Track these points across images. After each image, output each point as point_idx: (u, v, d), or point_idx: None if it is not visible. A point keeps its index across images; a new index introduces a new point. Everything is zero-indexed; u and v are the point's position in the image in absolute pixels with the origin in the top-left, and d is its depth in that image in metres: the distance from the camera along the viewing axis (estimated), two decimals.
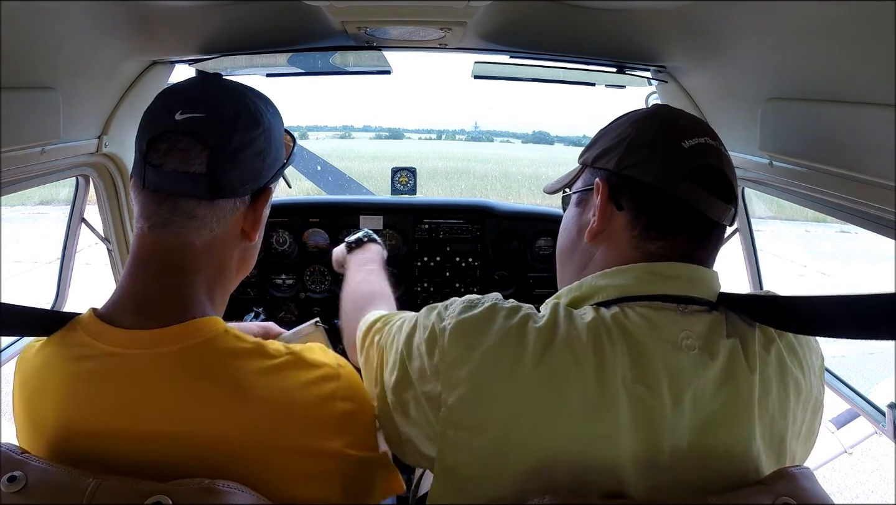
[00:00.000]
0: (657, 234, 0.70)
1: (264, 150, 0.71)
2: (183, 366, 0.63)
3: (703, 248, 0.71)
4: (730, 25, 0.94)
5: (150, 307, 0.65)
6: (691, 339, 0.64)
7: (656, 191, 0.69)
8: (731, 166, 0.73)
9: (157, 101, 0.69)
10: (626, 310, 0.66)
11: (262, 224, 0.75)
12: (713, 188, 0.69)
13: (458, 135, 33.46)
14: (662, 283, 0.67)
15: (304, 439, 0.65)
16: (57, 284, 1.48)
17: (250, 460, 0.62)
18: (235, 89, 0.72)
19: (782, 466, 0.65)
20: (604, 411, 0.60)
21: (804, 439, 0.72)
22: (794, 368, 0.68)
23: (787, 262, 6.39)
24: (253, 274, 1.81)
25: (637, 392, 0.61)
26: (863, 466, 3.43)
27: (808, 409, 0.71)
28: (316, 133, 30.78)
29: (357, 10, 0.98)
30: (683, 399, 0.62)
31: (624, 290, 0.68)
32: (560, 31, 1.13)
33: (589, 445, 0.60)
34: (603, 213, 0.73)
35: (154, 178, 0.65)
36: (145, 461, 0.61)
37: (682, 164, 0.69)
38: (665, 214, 0.70)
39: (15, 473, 0.57)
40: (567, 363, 0.62)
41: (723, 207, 0.70)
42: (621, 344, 0.63)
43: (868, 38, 0.71)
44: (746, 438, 0.63)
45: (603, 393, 0.61)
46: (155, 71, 1.27)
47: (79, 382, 0.63)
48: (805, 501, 0.57)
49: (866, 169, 0.77)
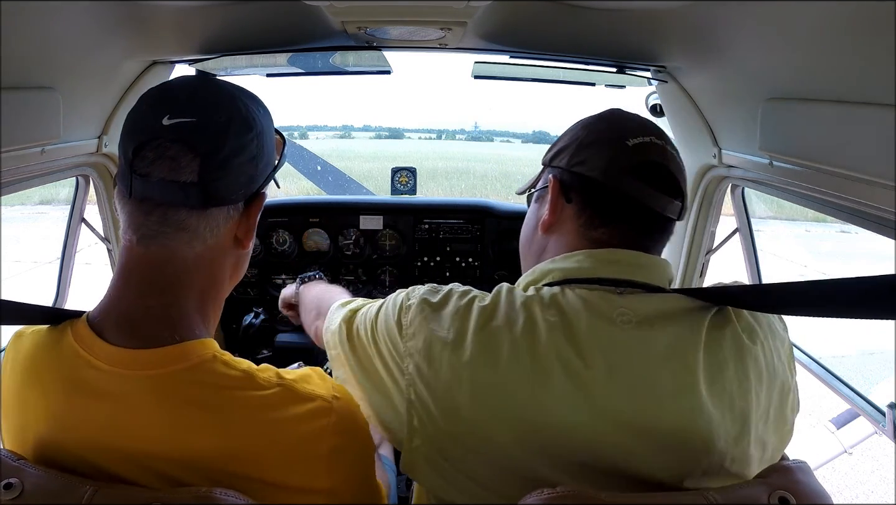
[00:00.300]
0: (600, 223, 0.77)
1: (257, 155, 0.67)
2: (167, 391, 0.60)
3: (647, 236, 0.76)
4: (730, 25, 0.94)
5: (136, 326, 0.62)
6: (628, 315, 0.69)
7: (600, 185, 0.76)
8: (677, 164, 0.78)
9: (142, 104, 0.64)
10: (566, 290, 0.72)
11: (255, 230, 0.72)
12: (656, 183, 0.75)
13: (458, 135, 33.47)
14: (602, 267, 0.73)
15: (289, 477, 0.63)
16: (57, 283, 1.48)
17: (237, 487, 0.60)
18: (226, 91, 0.68)
19: (746, 445, 0.67)
20: (538, 382, 0.65)
21: (775, 426, 0.72)
22: (753, 349, 0.70)
23: (787, 262, 6.38)
24: (253, 274, 1.81)
25: (571, 364, 0.65)
26: (863, 466, 3.44)
27: (775, 392, 0.71)
28: (316, 133, 30.77)
29: (357, 10, 0.98)
30: (619, 371, 0.65)
31: (567, 273, 0.74)
32: (560, 31, 1.13)
33: (526, 410, 0.65)
34: (554, 206, 0.80)
35: (141, 187, 0.61)
36: (130, 480, 0.60)
37: (625, 160, 0.75)
38: (608, 206, 0.76)
39: (11, 479, 0.56)
40: (503, 336, 0.67)
41: (665, 200, 0.75)
42: (555, 319, 0.68)
43: (868, 38, 0.71)
44: (691, 410, 0.65)
45: (537, 363, 0.66)
46: (155, 71, 1.27)
47: (69, 390, 0.62)
48: (801, 494, 0.58)
49: (866, 169, 0.77)
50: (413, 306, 0.74)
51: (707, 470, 0.65)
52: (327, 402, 0.66)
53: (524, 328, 0.68)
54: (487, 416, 0.66)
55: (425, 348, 0.70)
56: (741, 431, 0.67)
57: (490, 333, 0.68)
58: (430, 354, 0.69)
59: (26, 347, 0.66)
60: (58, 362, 0.64)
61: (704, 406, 0.65)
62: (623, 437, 0.64)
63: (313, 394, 0.66)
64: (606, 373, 0.65)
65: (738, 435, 0.67)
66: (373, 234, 1.82)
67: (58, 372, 0.63)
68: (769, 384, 0.70)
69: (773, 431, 0.71)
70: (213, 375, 0.62)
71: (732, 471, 0.67)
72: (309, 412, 0.64)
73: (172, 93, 0.65)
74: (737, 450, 0.66)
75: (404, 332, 0.72)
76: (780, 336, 0.75)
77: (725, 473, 0.66)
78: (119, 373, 0.61)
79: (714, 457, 0.65)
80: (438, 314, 0.72)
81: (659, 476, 0.64)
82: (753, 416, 0.68)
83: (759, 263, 1.54)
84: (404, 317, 0.74)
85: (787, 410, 0.74)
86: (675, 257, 1.60)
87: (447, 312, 0.72)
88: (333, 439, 0.65)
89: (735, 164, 1.26)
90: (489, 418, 0.66)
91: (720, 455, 0.65)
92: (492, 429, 0.66)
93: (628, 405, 0.64)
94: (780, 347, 0.74)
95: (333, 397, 0.67)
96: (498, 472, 0.66)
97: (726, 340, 0.70)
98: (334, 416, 0.66)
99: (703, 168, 1.40)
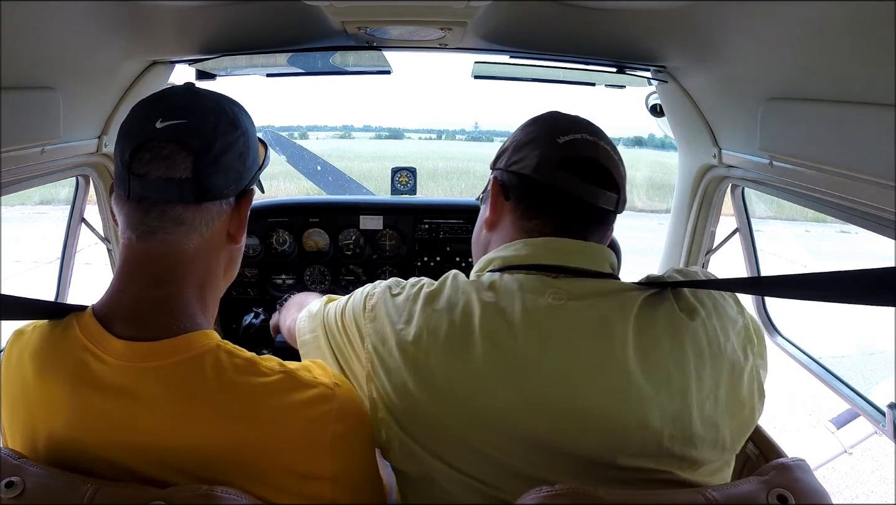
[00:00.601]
0: (535, 215, 0.82)
1: (244, 153, 0.72)
2: (173, 382, 0.62)
3: (582, 226, 0.81)
4: (730, 25, 0.94)
5: (142, 319, 0.65)
6: (560, 294, 0.73)
7: (533, 180, 0.81)
8: (611, 158, 0.82)
9: (136, 113, 0.69)
10: (504, 275, 0.77)
11: (246, 226, 0.76)
12: (586, 175, 0.80)
13: (458, 135, 33.47)
14: (539, 254, 0.79)
15: (293, 462, 0.64)
16: (57, 284, 1.48)
17: (243, 475, 0.62)
18: (211, 96, 0.73)
19: (688, 423, 0.68)
20: (472, 359, 0.70)
21: (729, 408, 0.72)
22: (692, 325, 0.72)
23: (787, 262, 6.38)
24: (253, 274, 1.81)
25: (502, 341, 0.70)
26: (863, 466, 3.44)
27: (724, 373, 0.72)
28: (316, 133, 30.75)
29: (357, 10, 0.98)
30: (548, 345, 0.70)
31: (505, 260, 0.80)
32: (560, 31, 1.13)
33: (464, 389, 0.69)
34: (494, 204, 0.86)
35: (139, 187, 0.65)
36: (139, 473, 0.61)
37: (554, 156, 0.81)
38: (540, 199, 0.82)
39: (12, 478, 0.57)
40: (442, 318, 0.73)
41: (596, 191, 0.80)
42: (490, 299, 0.73)
43: (868, 38, 0.71)
44: (619, 387, 0.68)
45: (472, 342, 0.70)
46: (155, 71, 1.27)
47: (77, 384, 0.63)
48: (800, 493, 0.58)
49: (866, 169, 0.77)
50: (376, 294, 0.81)
51: (643, 448, 0.67)
52: (329, 389, 0.68)
53: (463, 310, 0.73)
54: (430, 395, 0.70)
55: (380, 329, 0.76)
56: (680, 407, 0.68)
57: (431, 314, 0.74)
58: (383, 335, 0.76)
59: (31, 344, 0.67)
60: (64, 356, 0.65)
61: (634, 382, 0.68)
62: (553, 413, 0.67)
63: (315, 381, 0.68)
64: (538, 347, 0.69)
65: (678, 412, 0.68)
66: (373, 234, 1.82)
67: (64, 366, 0.64)
68: (714, 364, 0.72)
69: (726, 414, 0.72)
70: (218, 364, 0.64)
71: (676, 451, 0.68)
72: (311, 398, 0.66)
73: (163, 100, 0.70)
74: (675, 428, 0.67)
75: (366, 315, 0.79)
76: (731, 318, 0.77)
77: (667, 452, 0.67)
78: (126, 365, 0.62)
79: (648, 434, 0.67)
80: (395, 300, 0.78)
81: (590, 453, 0.67)
82: (694, 393, 0.69)
83: (759, 263, 1.54)
84: (368, 302, 0.81)
85: (743, 393, 0.74)
86: (675, 257, 1.60)
87: (401, 298, 0.78)
88: (336, 426, 0.67)
89: (735, 164, 1.26)
90: (432, 397, 0.70)
91: (655, 432, 0.67)
92: (437, 407, 0.70)
93: (557, 381, 0.68)
94: (729, 329, 0.75)
95: (335, 385, 0.69)
96: (457, 449, 0.70)
97: (659, 316, 0.73)
98: (336, 402, 0.68)
99: (703, 168, 1.40)
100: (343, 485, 0.69)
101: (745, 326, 0.78)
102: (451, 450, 0.71)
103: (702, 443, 0.69)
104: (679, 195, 1.56)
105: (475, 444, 0.69)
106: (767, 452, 0.98)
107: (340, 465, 0.68)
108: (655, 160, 15.89)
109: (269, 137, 2.70)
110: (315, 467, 0.66)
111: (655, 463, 0.68)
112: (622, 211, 0.84)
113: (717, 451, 0.71)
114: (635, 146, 21.65)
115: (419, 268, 1.85)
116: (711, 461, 0.71)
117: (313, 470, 0.66)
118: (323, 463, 0.66)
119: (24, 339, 0.69)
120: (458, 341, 0.71)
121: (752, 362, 0.76)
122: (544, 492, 0.58)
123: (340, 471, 0.68)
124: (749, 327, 0.78)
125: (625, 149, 22.03)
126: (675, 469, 0.69)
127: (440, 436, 0.71)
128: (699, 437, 0.69)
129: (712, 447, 0.70)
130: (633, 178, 15.88)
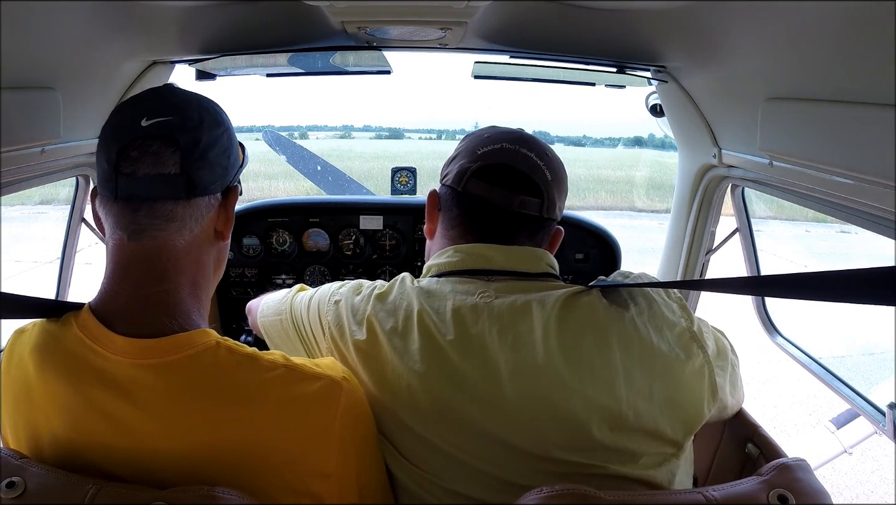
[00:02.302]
0: (456, 223, 0.87)
1: (228, 148, 0.72)
2: (174, 380, 0.62)
3: (502, 231, 0.84)
4: (730, 25, 0.94)
5: (140, 317, 0.65)
6: (488, 294, 0.78)
7: (453, 190, 0.87)
8: (533, 164, 0.84)
9: (119, 113, 0.69)
10: (440, 279, 0.83)
11: (233, 223, 0.76)
12: (501, 182, 0.83)
13: (458, 135, 33.53)
14: (468, 259, 0.83)
15: (298, 458, 0.64)
16: (57, 283, 1.48)
17: (247, 474, 0.61)
18: (191, 95, 0.73)
19: (616, 415, 0.70)
20: (408, 352, 0.75)
21: (666, 409, 0.73)
22: (618, 320, 0.75)
23: (787, 262, 6.38)
24: (253, 274, 1.81)
25: (434, 337, 0.75)
26: (863, 466, 3.44)
27: (656, 372, 0.73)
28: (316, 133, 30.73)
29: (357, 10, 0.98)
30: (474, 341, 0.74)
31: (440, 267, 0.85)
32: (560, 31, 1.13)
33: (407, 383, 0.74)
34: (430, 215, 0.93)
35: (127, 186, 0.65)
36: (141, 473, 0.61)
37: (470, 166, 0.85)
38: (460, 207, 0.87)
39: (13, 478, 0.57)
40: (388, 314, 0.79)
41: (512, 197, 0.83)
42: (427, 300, 0.79)
43: (868, 38, 0.71)
44: (536, 378, 0.71)
45: (409, 337, 0.76)
46: (155, 71, 1.27)
47: (77, 383, 0.63)
48: (800, 493, 0.58)
49: (866, 169, 0.77)
50: (341, 292, 0.86)
51: (573, 440, 0.69)
52: (336, 382, 0.68)
53: (405, 310, 0.79)
54: (380, 387, 0.75)
55: (339, 323, 0.82)
56: (608, 399, 0.70)
57: (378, 313, 0.80)
58: (341, 329, 0.82)
59: (31, 343, 0.67)
60: (65, 355, 0.64)
61: (557, 374, 0.70)
62: (486, 406, 0.71)
63: (322, 374, 0.68)
64: (465, 343, 0.74)
65: (605, 404, 0.70)
66: (373, 234, 1.82)
67: (65, 365, 0.64)
68: (644, 362, 0.73)
69: (664, 409, 0.73)
70: (218, 361, 0.64)
71: (608, 443, 0.69)
72: (317, 391, 0.66)
73: (146, 100, 0.70)
74: (602, 419, 0.69)
75: (329, 307, 0.85)
76: (669, 321, 0.78)
77: (600, 445, 0.69)
78: (127, 362, 0.62)
79: (576, 425, 0.69)
80: (354, 299, 0.84)
81: (523, 445, 0.70)
82: (622, 385, 0.71)
83: (759, 263, 1.54)
84: (332, 297, 0.86)
85: (684, 390, 0.75)
86: (675, 257, 1.60)
87: (358, 298, 0.84)
88: (344, 419, 0.67)
89: (735, 164, 1.26)
90: (383, 390, 0.75)
91: (582, 424, 0.69)
92: (389, 400, 0.75)
93: (485, 375, 0.72)
94: (664, 329, 0.77)
95: (343, 378, 0.69)
96: (410, 441, 0.74)
97: (583, 310, 0.76)
98: (344, 396, 0.67)
99: (703, 168, 1.40)
100: (349, 484, 0.68)
101: (688, 328, 0.79)
102: (398, 438, 0.75)
103: (635, 433, 0.70)
104: (679, 195, 1.56)
105: (423, 435, 0.73)
106: (767, 452, 0.98)
107: (348, 461, 0.67)
108: (655, 160, 15.89)
109: (269, 137, 2.70)
110: (321, 463, 0.65)
111: (589, 457, 0.70)
112: (554, 215, 0.86)
113: (657, 442, 0.72)
114: (635, 146, 21.65)
115: (419, 268, 1.85)
116: (651, 452, 0.72)
117: (319, 465, 0.65)
118: (329, 458, 0.66)
119: (24, 338, 0.68)
120: (400, 338, 0.76)
121: (702, 361, 0.77)
122: (544, 492, 0.58)
123: (347, 467, 0.67)
124: (696, 332, 0.79)
125: (625, 149, 22.02)
126: (612, 463, 0.70)
127: (395, 429, 0.75)
128: (631, 427, 0.70)
129: (649, 438, 0.71)
130: (632, 178, 15.91)
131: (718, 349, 0.82)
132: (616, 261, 1.77)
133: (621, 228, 8.07)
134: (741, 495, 0.58)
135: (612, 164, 18.59)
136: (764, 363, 4.28)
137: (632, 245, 1.71)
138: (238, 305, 1.82)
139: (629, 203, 13.23)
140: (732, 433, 1.07)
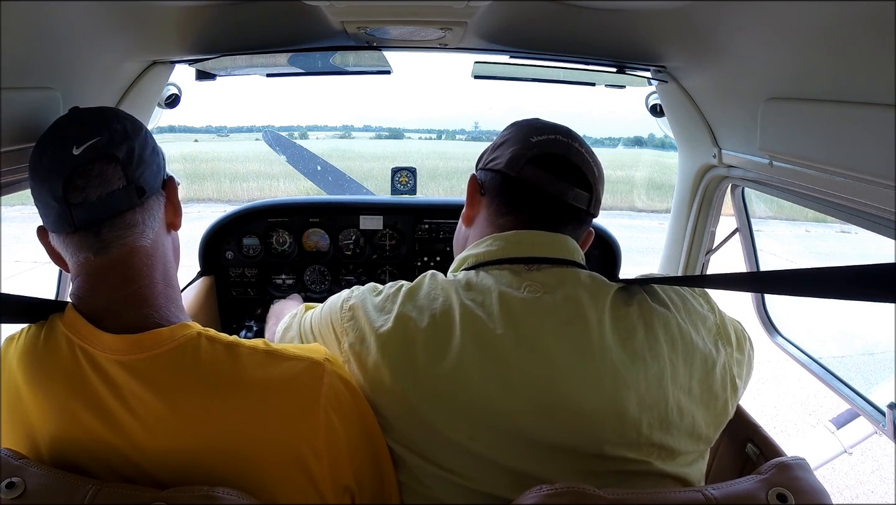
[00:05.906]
0: (506, 210, 0.85)
1: (154, 146, 0.76)
2: (159, 374, 0.63)
3: (551, 220, 0.83)
4: (730, 25, 0.94)
5: (120, 314, 0.67)
6: (534, 286, 0.76)
7: (504, 175, 0.85)
8: (584, 158, 0.84)
9: (44, 152, 0.68)
10: (480, 272, 0.80)
11: (181, 209, 0.79)
12: (555, 170, 0.82)
13: (458, 135, 33.39)
14: (510, 248, 0.81)
15: (285, 437, 0.65)
16: (57, 283, 1.48)
17: (239, 462, 0.62)
18: (103, 110, 0.75)
19: (664, 409, 0.69)
20: (449, 351, 0.71)
21: (703, 401, 0.74)
22: (664, 317, 0.75)
23: (787, 262, 6.39)
24: (253, 274, 1.81)
25: (483, 334, 0.71)
26: (863, 466, 3.43)
27: (696, 365, 0.74)
28: (316, 133, 30.69)
29: (357, 10, 0.98)
30: (526, 336, 0.71)
31: (478, 257, 0.83)
32: (560, 31, 1.13)
33: (444, 381, 0.70)
34: (471, 200, 0.90)
35: (83, 214, 0.66)
36: (138, 473, 0.61)
37: (525, 153, 0.83)
38: (510, 193, 0.85)
39: (13, 479, 0.57)
40: (422, 310, 0.75)
41: (565, 186, 0.82)
42: (469, 296, 0.75)
43: (868, 38, 0.71)
44: (596, 375, 0.69)
45: (450, 334, 0.72)
46: (155, 71, 1.27)
47: (67, 383, 0.64)
48: (800, 492, 0.58)
49: (866, 169, 0.77)
50: (354, 297, 0.83)
51: (623, 437, 0.68)
52: (318, 363, 0.69)
53: (443, 306, 0.75)
54: (409, 389, 0.72)
55: (359, 328, 0.78)
56: (657, 395, 0.70)
57: (411, 309, 0.76)
58: (361, 334, 0.77)
59: (18, 351, 0.68)
60: (55, 357, 0.65)
61: (613, 371, 0.69)
62: (536, 405, 0.69)
63: (303, 356, 0.70)
64: (517, 341, 0.71)
65: (654, 400, 0.70)
66: (373, 234, 1.82)
67: (56, 367, 0.65)
68: (686, 356, 0.73)
69: (700, 406, 0.73)
70: (200, 351, 0.65)
71: (655, 440, 0.69)
72: (300, 371, 0.68)
73: (65, 130, 0.70)
74: (652, 415, 0.69)
75: (343, 315, 0.82)
76: (701, 315, 0.79)
77: (647, 441, 0.69)
78: (114, 359, 0.63)
79: (628, 421, 0.68)
80: (374, 300, 0.81)
81: (573, 444, 0.68)
82: (670, 381, 0.71)
83: (759, 263, 1.54)
84: (345, 305, 0.83)
85: (717, 386, 0.76)
86: (675, 257, 1.61)
87: (380, 298, 0.80)
88: (328, 399, 0.68)
89: (735, 164, 1.26)
90: (412, 392, 0.71)
91: (634, 420, 0.68)
92: (418, 402, 0.71)
93: (538, 374, 0.69)
94: (699, 324, 0.78)
95: (325, 360, 0.71)
96: (433, 442, 0.71)
97: (633, 306, 0.75)
98: (327, 376, 0.69)
99: (703, 168, 1.40)
100: (342, 465, 0.68)
101: (717, 322, 0.80)
102: (426, 443, 0.72)
103: (678, 431, 0.71)
104: (679, 195, 1.56)
105: (455, 437, 0.70)
106: (767, 451, 0.99)
107: (337, 441, 0.68)
108: (655, 160, 15.87)
109: (269, 137, 2.70)
110: (311, 441, 0.66)
111: (637, 453, 0.69)
112: (596, 212, 0.86)
113: (693, 440, 0.72)
114: (635, 146, 21.63)
115: (419, 268, 1.85)
116: (688, 451, 0.73)
117: (309, 444, 0.66)
118: (318, 436, 0.66)
119: (13, 346, 0.69)
120: (440, 336, 0.73)
121: (725, 357, 0.77)
122: (544, 491, 0.58)
123: (338, 448, 0.68)
124: (722, 325, 0.80)
125: (625, 149, 21.99)
126: (654, 459, 0.70)
127: (416, 430, 0.72)
128: (675, 425, 0.70)
129: (688, 436, 0.72)
130: (632, 179, 15.85)
131: (737, 340, 0.82)
132: (616, 261, 1.77)
133: (621, 228, 8.07)
134: (741, 494, 0.58)
135: (612, 163, 18.55)
136: (764, 363, 4.28)
137: (632, 245, 1.70)
138: (238, 304, 1.82)
139: (629, 203, 13.21)
140: (732, 433, 1.07)
